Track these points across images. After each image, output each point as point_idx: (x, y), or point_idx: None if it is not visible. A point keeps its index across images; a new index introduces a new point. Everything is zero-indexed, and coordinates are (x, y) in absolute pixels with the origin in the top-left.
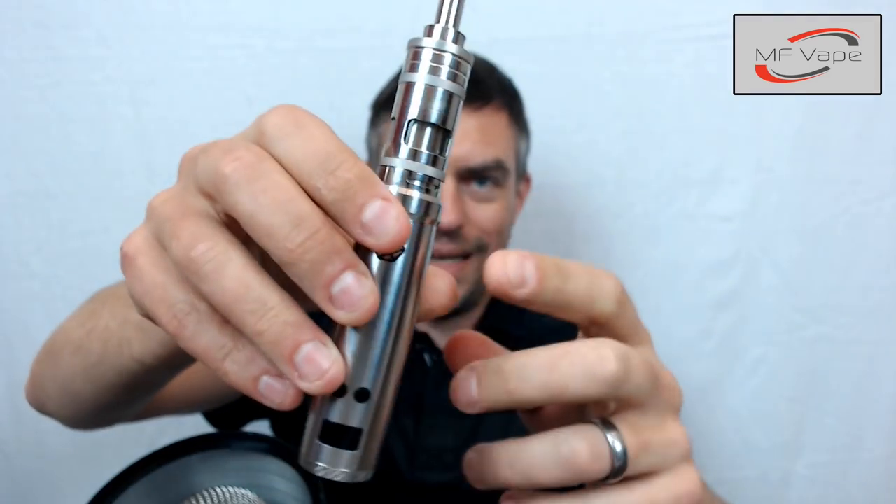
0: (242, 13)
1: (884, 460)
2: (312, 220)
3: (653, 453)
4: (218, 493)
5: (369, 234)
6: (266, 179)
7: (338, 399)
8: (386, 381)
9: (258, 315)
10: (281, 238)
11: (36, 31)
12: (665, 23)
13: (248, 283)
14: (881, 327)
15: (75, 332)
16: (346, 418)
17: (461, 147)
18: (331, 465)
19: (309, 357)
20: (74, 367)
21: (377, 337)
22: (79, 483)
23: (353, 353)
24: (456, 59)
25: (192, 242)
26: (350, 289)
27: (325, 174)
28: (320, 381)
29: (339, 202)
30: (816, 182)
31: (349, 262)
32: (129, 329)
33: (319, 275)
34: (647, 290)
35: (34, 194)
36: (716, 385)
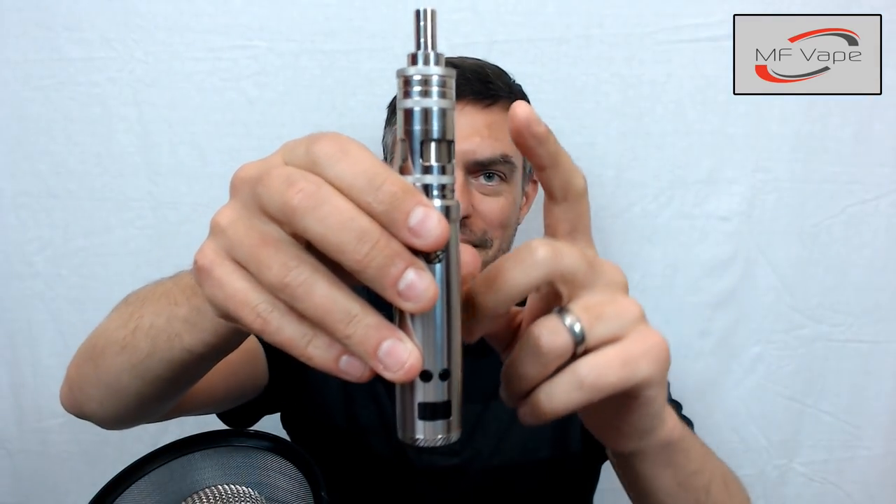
0: (244, 14)
1: (881, 458)
2: (372, 233)
3: (607, 320)
4: (220, 491)
5: (416, 237)
6: (328, 205)
7: (426, 382)
8: (457, 356)
9: (345, 322)
10: (350, 252)
11: (39, 32)
12: (664, 24)
13: (335, 298)
14: (878, 326)
15: (118, 333)
16: (437, 396)
17: (470, 142)
18: (430, 436)
19: (390, 351)
20: (121, 364)
21: (445, 322)
22: (82, 481)
23: (430, 340)
24: (441, 79)
25: (283, 271)
26: (414, 283)
27: (374, 190)
28: (402, 371)
29: (388, 212)
30: (814, 182)
31: (409, 262)
32: (177, 324)
33: (386, 276)
34: (645, 290)
35: (37, 194)
36: (714, 384)
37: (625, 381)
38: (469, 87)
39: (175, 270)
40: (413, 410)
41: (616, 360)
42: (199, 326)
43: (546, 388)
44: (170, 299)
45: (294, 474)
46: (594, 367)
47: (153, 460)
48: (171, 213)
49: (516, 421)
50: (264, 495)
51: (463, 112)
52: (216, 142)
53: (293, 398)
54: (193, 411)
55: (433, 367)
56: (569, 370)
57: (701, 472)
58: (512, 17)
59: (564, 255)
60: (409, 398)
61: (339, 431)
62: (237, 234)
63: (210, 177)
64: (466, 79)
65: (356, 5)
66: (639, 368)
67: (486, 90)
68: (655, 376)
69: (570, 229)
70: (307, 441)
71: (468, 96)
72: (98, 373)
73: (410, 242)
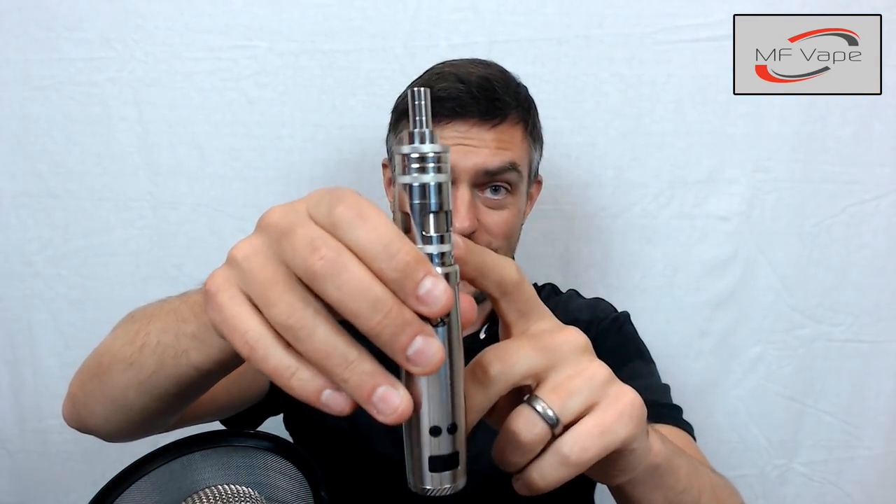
0: (244, 15)
1: (881, 458)
2: (386, 302)
3: (577, 394)
4: (220, 491)
5: (424, 304)
6: (347, 273)
7: (435, 437)
8: (461, 410)
9: (342, 367)
10: (365, 318)
11: (39, 33)
12: (664, 24)
13: (334, 343)
14: (878, 326)
15: (125, 350)
16: (445, 449)
17: (478, 156)
18: (439, 486)
19: (384, 397)
20: (127, 381)
21: (449, 380)
22: (82, 480)
23: (436, 398)
24: (436, 156)
25: (288, 310)
26: (422, 349)
27: (388, 258)
28: (395, 415)
29: (400, 280)
30: (814, 182)
31: (418, 330)
32: (185, 341)
33: (397, 343)
34: (645, 290)
35: (37, 194)
36: (714, 384)
37: (606, 447)
38: (476, 108)
39: (175, 270)
40: (423, 463)
41: (594, 431)
42: (206, 343)
43: (536, 467)
44: (178, 316)
45: (294, 474)
46: (574, 443)
47: (153, 460)
48: (171, 213)
49: None
50: (264, 495)
51: (470, 131)
52: (216, 142)
53: (294, 400)
54: (197, 421)
55: (441, 423)
56: (552, 450)
57: (690, 489)
58: (512, 17)
59: (516, 361)
60: (419, 452)
61: (340, 432)
62: (251, 269)
63: (210, 177)
64: (474, 97)
65: (356, 5)
66: (617, 433)
67: (494, 108)
68: (634, 433)
69: (519, 315)
70: (309, 441)
71: (475, 117)
72: (104, 389)
73: (418, 309)
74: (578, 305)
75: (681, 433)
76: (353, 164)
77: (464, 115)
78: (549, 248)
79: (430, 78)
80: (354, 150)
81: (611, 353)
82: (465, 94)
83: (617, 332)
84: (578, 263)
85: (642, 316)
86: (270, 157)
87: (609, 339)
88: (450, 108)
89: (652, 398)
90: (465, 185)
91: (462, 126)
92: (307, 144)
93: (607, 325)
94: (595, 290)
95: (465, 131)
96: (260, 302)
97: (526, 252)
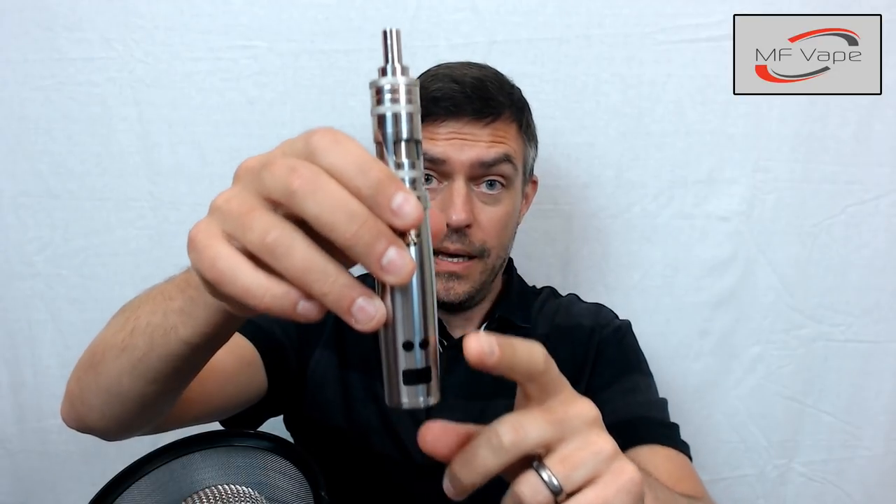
0: (244, 15)
1: (881, 458)
2: (361, 213)
3: (582, 466)
4: (220, 491)
5: (396, 217)
6: (324, 189)
7: (408, 351)
8: (434, 323)
9: (322, 281)
10: (342, 230)
11: (39, 33)
12: (664, 24)
13: (313, 258)
14: (878, 326)
15: (116, 337)
16: (418, 363)
17: (473, 150)
18: (413, 400)
19: (361, 308)
20: (121, 367)
21: (421, 297)
22: (82, 480)
23: (409, 313)
24: (407, 87)
25: (265, 231)
26: (394, 259)
27: (363, 176)
28: (371, 322)
29: (374, 196)
30: (814, 182)
31: (391, 241)
32: (173, 317)
33: (372, 252)
34: (645, 290)
35: (38, 194)
36: (714, 384)
37: None
38: (470, 106)
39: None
40: (398, 378)
41: (594, 503)
42: (193, 315)
43: None
44: (164, 295)
45: (294, 474)
46: None
47: (153, 460)
48: (171, 213)
49: None
50: (264, 495)
51: (465, 127)
52: (216, 142)
53: (294, 401)
54: (192, 422)
55: (413, 338)
56: None
57: None
58: (512, 17)
59: (529, 433)
60: (395, 367)
61: (339, 431)
62: (230, 208)
63: (210, 177)
64: (468, 97)
65: (356, 5)
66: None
67: (487, 108)
68: None
69: (540, 390)
70: (309, 441)
71: (469, 115)
72: (99, 379)
73: (392, 222)
74: (580, 310)
75: (676, 454)
76: None
77: (458, 113)
78: (549, 248)
79: (426, 80)
80: None
81: (611, 363)
82: (460, 93)
83: (619, 343)
84: (578, 263)
85: (642, 316)
86: None
87: (609, 348)
88: (445, 108)
89: (649, 415)
90: (461, 178)
91: (456, 124)
92: None
93: (609, 333)
94: (595, 290)
95: (460, 128)
96: (238, 232)
97: (526, 252)
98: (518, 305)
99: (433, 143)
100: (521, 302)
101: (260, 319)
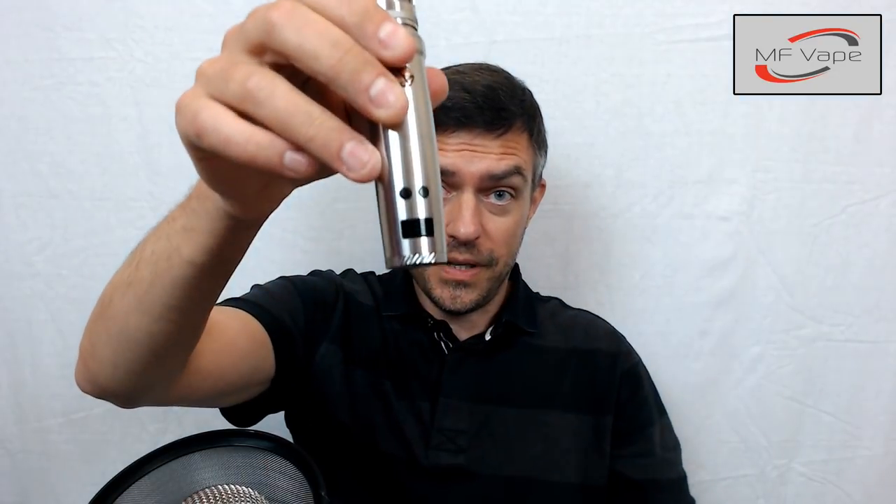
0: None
1: (881, 458)
2: (346, 40)
3: None
4: (220, 491)
5: (386, 48)
6: (305, 18)
7: (406, 199)
8: (436, 175)
9: (307, 124)
10: (324, 58)
11: (39, 33)
12: (664, 24)
13: (296, 100)
14: (878, 326)
15: (121, 275)
16: (418, 212)
17: (483, 161)
18: (414, 254)
19: (352, 152)
20: (128, 304)
21: (419, 140)
22: (82, 480)
23: (407, 157)
24: None
25: (245, 77)
26: (384, 90)
27: (345, 5)
28: (364, 170)
29: (360, 24)
30: (814, 182)
31: (380, 71)
32: (176, 238)
33: (359, 82)
34: (645, 290)
35: (38, 194)
36: (714, 384)
37: None
38: (482, 118)
39: None
40: (397, 230)
41: None
42: (197, 229)
43: None
44: (167, 220)
45: (294, 474)
46: None
47: (153, 460)
48: None
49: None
50: (264, 495)
51: (476, 139)
52: None
53: (298, 393)
54: (203, 398)
55: (412, 185)
56: None
57: None
58: (512, 17)
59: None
60: (393, 218)
61: (343, 427)
62: (213, 69)
63: None
64: (479, 107)
65: None
66: None
67: (498, 119)
68: None
69: None
70: (311, 438)
71: (480, 127)
72: (107, 325)
73: (380, 54)
74: (599, 333)
75: None
76: None
77: (469, 125)
78: (549, 248)
79: None
80: None
81: (627, 414)
82: (471, 104)
83: (634, 391)
84: (578, 263)
85: (642, 316)
86: None
87: (626, 391)
88: (455, 119)
89: (656, 477)
90: (470, 190)
91: (468, 135)
92: None
93: (628, 372)
94: (595, 290)
95: (471, 139)
96: (221, 86)
97: (526, 252)
98: (524, 310)
99: (443, 153)
100: (528, 307)
101: (270, 305)
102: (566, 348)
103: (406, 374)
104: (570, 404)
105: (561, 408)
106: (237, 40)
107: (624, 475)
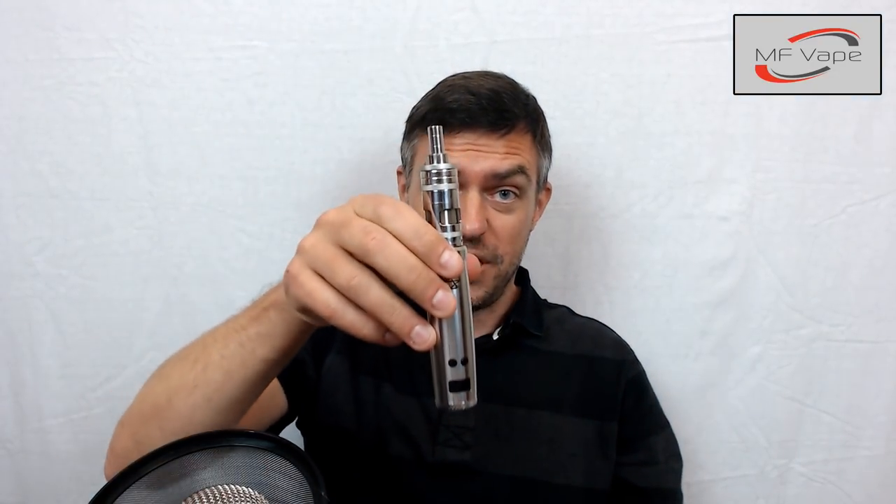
0: (244, 14)
1: (881, 458)
2: (418, 266)
3: None
4: (220, 491)
5: (444, 269)
6: (391, 248)
7: (453, 367)
8: (472, 347)
9: (390, 313)
10: (404, 277)
11: (40, 33)
12: (664, 24)
13: (384, 296)
14: (878, 326)
15: (185, 378)
16: (460, 375)
17: (487, 161)
18: (457, 403)
19: (418, 333)
20: (194, 403)
21: (461, 326)
22: (82, 480)
23: (453, 338)
24: (448, 171)
25: (349, 275)
26: (442, 299)
27: (419, 238)
28: (426, 345)
29: (427, 253)
30: (814, 182)
31: (440, 285)
32: (250, 343)
33: (427, 293)
34: (645, 290)
35: (38, 194)
36: (714, 384)
37: None
38: (486, 118)
39: (175, 270)
40: (445, 387)
41: None
42: (273, 335)
43: None
44: (235, 331)
45: (294, 474)
46: None
47: (153, 460)
48: (171, 213)
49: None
50: (264, 495)
51: (480, 139)
52: (216, 142)
53: (308, 410)
54: None
55: (456, 356)
56: None
57: None
58: (512, 17)
59: None
60: (442, 379)
61: (351, 433)
62: (317, 252)
63: (210, 177)
64: (483, 108)
65: (356, 5)
66: None
67: (502, 119)
68: None
69: None
70: (321, 442)
71: (484, 127)
72: (164, 424)
73: (440, 273)
74: (605, 341)
75: None
76: (353, 164)
77: (473, 125)
78: (549, 248)
79: (443, 90)
80: (354, 150)
81: (632, 422)
82: (475, 105)
83: (639, 399)
84: (578, 263)
85: (642, 316)
86: (270, 157)
87: (631, 399)
88: (460, 119)
89: (660, 485)
90: (475, 188)
91: (472, 136)
92: (307, 144)
93: (633, 380)
94: (595, 290)
95: (476, 140)
96: (327, 273)
97: (526, 252)
98: (532, 314)
99: (448, 153)
100: (535, 311)
101: None
102: (572, 354)
103: (413, 371)
104: (576, 409)
105: (567, 411)
106: (333, 236)
107: (629, 482)
